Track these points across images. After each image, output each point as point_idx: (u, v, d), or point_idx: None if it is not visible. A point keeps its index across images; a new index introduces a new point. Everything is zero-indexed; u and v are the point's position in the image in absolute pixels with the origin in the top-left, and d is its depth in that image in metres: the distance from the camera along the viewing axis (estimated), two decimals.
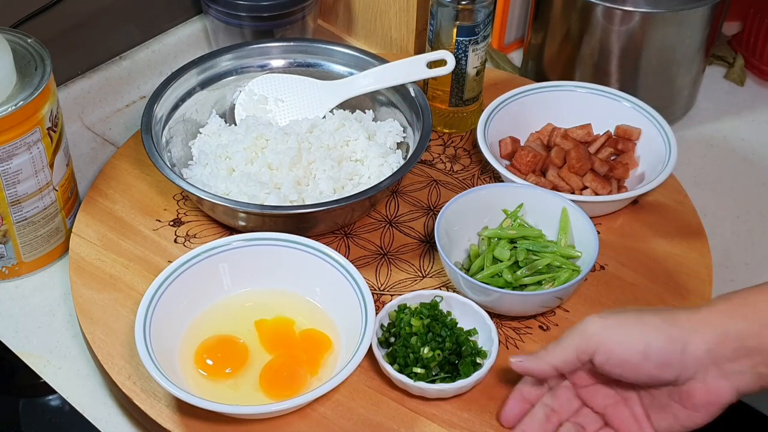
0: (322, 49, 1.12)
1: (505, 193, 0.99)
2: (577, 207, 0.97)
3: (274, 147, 1.02)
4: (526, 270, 0.94)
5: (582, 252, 0.94)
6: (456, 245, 0.97)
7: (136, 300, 0.90)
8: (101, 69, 1.19)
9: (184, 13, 1.26)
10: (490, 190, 0.99)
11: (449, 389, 0.84)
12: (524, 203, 0.99)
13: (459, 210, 0.97)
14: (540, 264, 0.94)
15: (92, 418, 0.88)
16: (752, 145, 1.19)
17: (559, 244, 0.96)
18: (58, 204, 0.98)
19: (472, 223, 0.99)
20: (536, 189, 0.99)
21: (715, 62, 1.30)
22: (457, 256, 0.97)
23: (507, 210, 0.99)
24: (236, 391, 0.85)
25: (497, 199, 0.99)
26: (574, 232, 0.96)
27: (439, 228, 0.94)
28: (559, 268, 0.94)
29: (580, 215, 0.96)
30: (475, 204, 0.98)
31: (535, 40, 1.22)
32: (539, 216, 0.99)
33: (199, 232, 1.01)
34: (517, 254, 0.95)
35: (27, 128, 0.90)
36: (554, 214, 0.98)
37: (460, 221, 0.97)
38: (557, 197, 0.98)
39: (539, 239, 0.97)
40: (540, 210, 0.98)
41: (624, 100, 1.08)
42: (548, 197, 0.98)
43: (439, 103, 1.12)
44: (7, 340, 0.94)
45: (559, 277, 0.93)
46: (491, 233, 0.97)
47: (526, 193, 0.99)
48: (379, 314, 0.89)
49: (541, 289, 0.93)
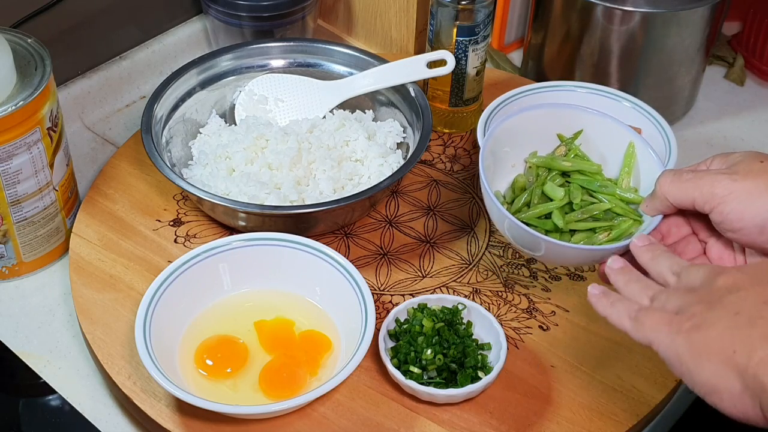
0: (322, 49, 1.12)
1: (560, 117, 0.86)
2: (647, 144, 0.84)
3: (274, 147, 1.02)
4: (580, 214, 0.82)
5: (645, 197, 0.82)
6: (498, 172, 0.85)
7: (136, 300, 0.90)
8: (101, 69, 1.19)
9: (184, 13, 1.26)
10: (546, 111, 0.86)
11: (438, 395, 0.84)
12: (584, 130, 0.86)
13: (512, 130, 0.83)
14: (598, 209, 0.83)
15: (92, 418, 0.88)
16: (752, 145, 1.19)
17: (620, 185, 0.85)
18: (58, 204, 0.98)
19: (521, 148, 0.85)
20: (601, 115, 0.86)
21: (715, 62, 1.30)
22: (498, 185, 0.86)
23: (563, 135, 0.86)
24: (236, 392, 0.85)
25: (552, 123, 0.86)
26: (641, 172, 0.85)
27: (485, 150, 0.80)
28: (618, 215, 0.83)
29: (650, 154, 0.83)
30: (529, 125, 0.85)
31: (535, 40, 1.22)
32: (599, 148, 0.86)
33: (199, 232, 1.01)
34: (572, 193, 0.83)
35: (27, 128, 0.90)
36: (617, 149, 0.85)
37: (509, 143, 0.83)
38: (624, 129, 0.85)
39: (597, 176, 0.86)
40: (601, 141, 0.85)
41: (624, 100, 1.08)
42: (614, 127, 0.85)
43: (439, 103, 1.12)
44: (7, 340, 0.94)
45: (618, 227, 0.82)
46: (541, 161, 0.85)
47: (588, 119, 0.85)
48: (397, 308, 0.89)
49: (595, 238, 0.82)
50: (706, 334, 0.64)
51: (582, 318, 0.93)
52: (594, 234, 0.84)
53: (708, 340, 0.64)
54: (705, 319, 0.65)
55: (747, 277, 0.67)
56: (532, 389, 0.88)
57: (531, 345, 0.91)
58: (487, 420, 0.85)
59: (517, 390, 0.87)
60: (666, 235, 0.81)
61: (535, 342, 0.92)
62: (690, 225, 0.81)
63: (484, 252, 1.00)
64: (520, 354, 0.90)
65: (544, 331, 0.93)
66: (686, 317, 0.66)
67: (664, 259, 0.74)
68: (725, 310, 0.65)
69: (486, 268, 0.98)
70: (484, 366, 0.86)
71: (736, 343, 0.63)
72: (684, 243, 0.80)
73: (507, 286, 0.97)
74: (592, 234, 0.84)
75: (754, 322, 0.63)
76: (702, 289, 0.68)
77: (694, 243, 0.80)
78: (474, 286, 0.97)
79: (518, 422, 0.85)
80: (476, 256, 1.00)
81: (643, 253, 0.76)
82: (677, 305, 0.68)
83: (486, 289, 0.96)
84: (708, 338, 0.64)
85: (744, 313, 0.64)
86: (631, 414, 0.86)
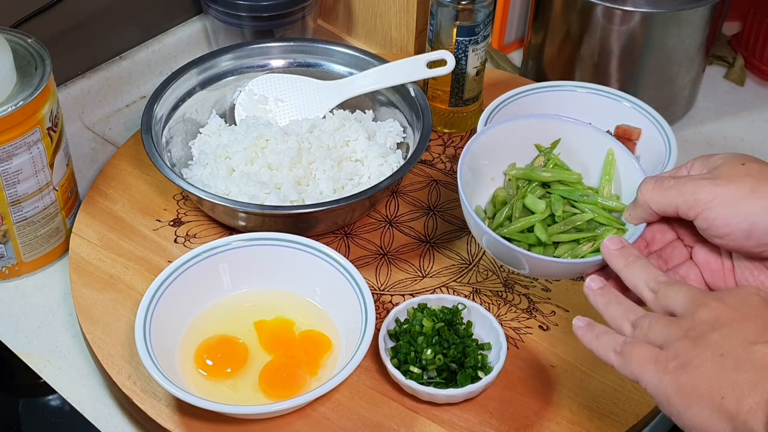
0: (322, 49, 1.12)
1: (538, 127, 0.84)
2: (626, 150, 0.83)
3: (274, 147, 1.02)
4: (563, 226, 0.80)
5: (627, 205, 0.80)
6: (478, 186, 0.83)
7: (136, 300, 0.90)
8: (101, 69, 1.19)
9: (184, 13, 1.26)
10: (523, 123, 0.84)
11: (438, 395, 0.84)
12: (562, 139, 0.84)
13: (489, 143, 0.81)
14: (580, 219, 0.81)
15: (92, 418, 0.88)
16: (752, 145, 1.19)
17: (601, 193, 0.83)
18: (58, 204, 0.98)
19: (499, 161, 0.84)
20: (579, 124, 0.84)
21: (715, 62, 1.30)
22: (478, 199, 0.84)
23: (541, 145, 0.85)
24: (236, 392, 0.85)
25: (530, 133, 0.84)
26: (622, 179, 0.83)
27: (463, 165, 0.78)
28: (601, 224, 0.82)
29: (630, 160, 0.82)
30: (507, 137, 0.83)
31: (535, 40, 1.22)
32: (578, 157, 0.84)
33: (199, 232, 1.01)
34: (553, 205, 0.81)
35: (27, 128, 0.90)
36: (597, 157, 0.84)
37: (487, 156, 0.81)
38: (603, 136, 0.84)
39: (578, 185, 0.84)
40: (580, 150, 0.84)
41: (624, 100, 1.08)
42: (592, 134, 0.84)
43: (439, 103, 1.12)
44: (7, 340, 0.94)
45: (602, 237, 0.80)
46: (520, 173, 0.84)
47: (566, 127, 0.83)
48: (397, 308, 0.89)
49: (579, 250, 0.80)
50: (693, 376, 0.64)
51: None
52: (578, 245, 0.82)
53: (695, 383, 0.64)
54: (690, 358, 0.64)
55: (729, 310, 0.66)
56: (532, 389, 0.88)
57: (531, 345, 0.91)
58: (487, 420, 0.85)
59: (517, 390, 0.87)
60: (651, 242, 0.79)
61: (535, 342, 0.92)
62: (674, 230, 0.79)
63: (484, 252, 1.00)
64: (520, 354, 0.90)
65: (544, 331, 0.93)
66: (671, 355, 0.65)
67: (639, 270, 0.73)
68: (710, 351, 0.64)
69: (486, 268, 0.98)
70: (484, 366, 0.86)
71: (724, 389, 0.62)
72: (670, 249, 0.79)
73: (507, 286, 0.97)
74: (576, 245, 0.82)
75: (740, 366, 0.63)
76: (684, 320, 0.67)
77: (680, 248, 0.79)
78: (474, 286, 0.97)
79: (518, 422, 0.85)
80: (476, 256, 1.00)
81: (616, 259, 0.74)
82: (660, 337, 0.67)
83: (486, 289, 0.96)
84: (695, 380, 0.64)
85: (729, 355, 0.63)
86: (631, 414, 0.86)
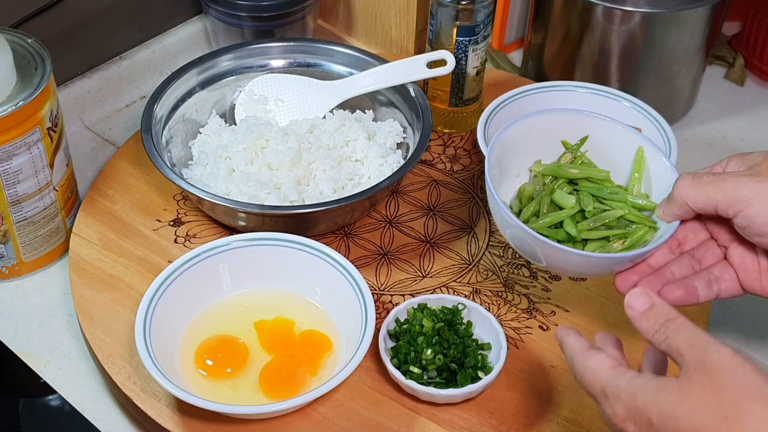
0: (322, 49, 1.12)
1: (563, 123, 0.83)
2: (656, 148, 0.82)
3: (274, 147, 1.02)
4: (592, 222, 0.79)
5: (657, 204, 0.79)
6: (504, 182, 0.81)
7: (136, 300, 0.90)
8: (101, 69, 1.19)
9: (184, 13, 1.26)
10: (549, 117, 0.83)
11: (438, 395, 0.84)
12: (589, 136, 0.83)
13: (516, 137, 0.80)
14: (611, 216, 0.79)
15: (92, 418, 0.88)
16: (752, 145, 1.19)
17: (630, 191, 0.82)
18: (58, 204, 0.98)
19: (524, 156, 0.83)
20: (607, 120, 0.83)
21: (715, 62, 1.30)
22: (503, 195, 0.82)
23: (567, 142, 0.84)
24: (236, 392, 0.85)
25: (556, 129, 0.83)
26: (652, 178, 0.82)
27: (491, 158, 0.76)
28: (632, 222, 0.80)
29: (660, 159, 0.80)
30: (532, 132, 0.82)
31: (535, 40, 1.22)
32: (606, 155, 0.83)
33: (199, 232, 1.01)
34: (583, 201, 0.80)
35: (27, 128, 0.90)
36: (625, 155, 0.82)
37: (513, 151, 0.80)
38: (633, 134, 0.82)
39: (606, 182, 0.83)
40: (608, 147, 0.82)
41: (624, 100, 1.08)
42: (621, 132, 0.82)
43: (439, 103, 1.12)
44: (7, 340, 0.94)
45: (633, 235, 0.79)
46: (547, 169, 0.83)
47: (594, 124, 0.82)
48: (397, 308, 0.89)
49: (609, 246, 0.79)
50: None
51: (582, 318, 0.93)
52: (608, 243, 0.80)
53: None
54: None
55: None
56: (532, 389, 0.88)
57: (531, 345, 0.91)
58: (487, 420, 0.85)
59: (517, 390, 0.87)
60: (683, 242, 0.78)
61: (535, 342, 0.92)
62: (707, 229, 0.78)
63: (484, 252, 1.00)
64: (520, 354, 0.90)
65: (544, 331, 0.93)
66: None
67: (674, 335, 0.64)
68: None
69: (486, 268, 0.98)
70: (484, 366, 0.86)
71: None
72: (702, 249, 0.78)
73: (507, 286, 0.97)
74: (606, 243, 0.80)
75: None
76: None
77: (713, 248, 0.78)
78: (474, 286, 0.97)
79: (518, 422, 0.85)
80: (476, 256, 1.00)
81: (643, 321, 0.66)
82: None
83: (486, 289, 0.96)
84: None
85: None
86: None
